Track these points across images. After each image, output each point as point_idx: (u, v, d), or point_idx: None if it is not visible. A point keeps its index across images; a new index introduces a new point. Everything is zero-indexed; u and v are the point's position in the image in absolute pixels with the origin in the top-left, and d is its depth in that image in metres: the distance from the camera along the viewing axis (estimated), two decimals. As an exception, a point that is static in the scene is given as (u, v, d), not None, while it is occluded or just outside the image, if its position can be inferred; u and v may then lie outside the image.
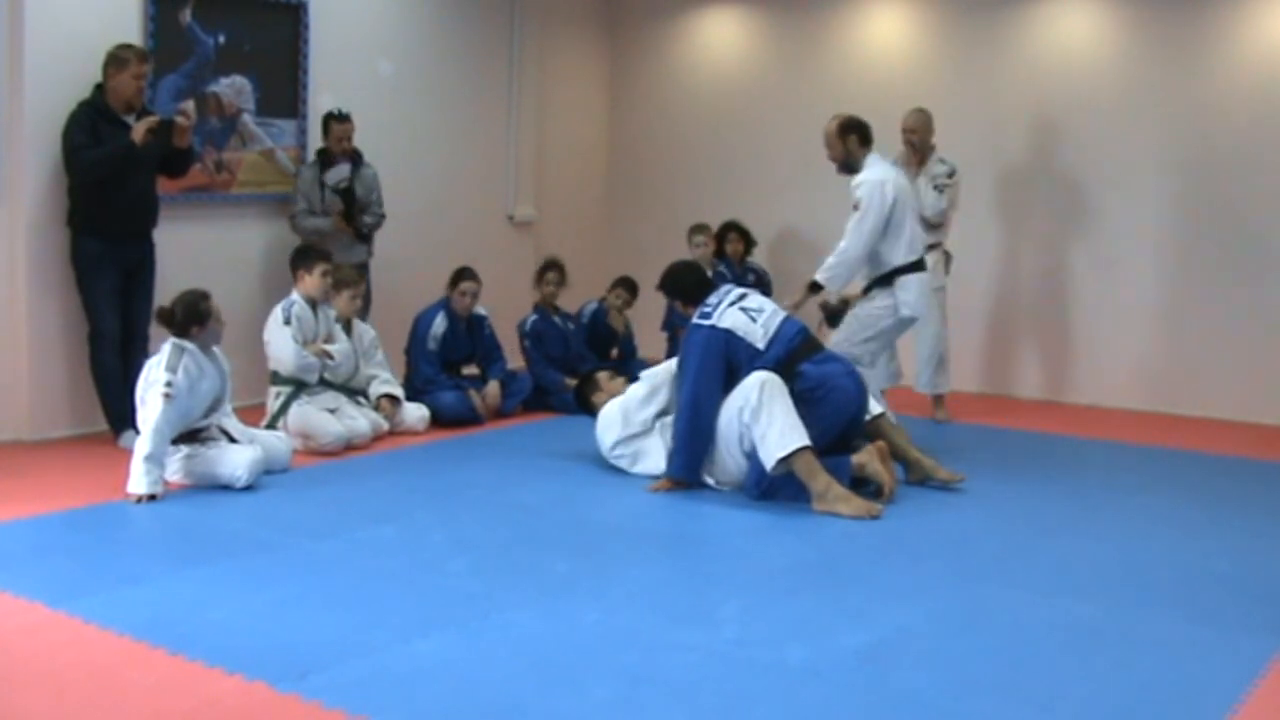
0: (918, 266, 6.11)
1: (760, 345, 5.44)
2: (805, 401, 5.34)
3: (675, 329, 8.06)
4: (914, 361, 7.31)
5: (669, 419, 5.66)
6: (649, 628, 3.82)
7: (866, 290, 6.13)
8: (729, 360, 5.43)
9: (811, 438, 5.22)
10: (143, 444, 5.14)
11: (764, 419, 5.19)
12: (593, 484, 5.63)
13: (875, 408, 5.69)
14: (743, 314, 5.51)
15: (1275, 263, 7.32)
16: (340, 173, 7.08)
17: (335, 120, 7.01)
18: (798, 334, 5.54)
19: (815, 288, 6.14)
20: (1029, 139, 8.02)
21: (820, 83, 8.72)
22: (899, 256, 6.05)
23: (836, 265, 6.01)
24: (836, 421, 5.41)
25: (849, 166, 6.17)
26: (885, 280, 6.06)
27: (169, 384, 5.18)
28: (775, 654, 3.63)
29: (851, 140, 6.13)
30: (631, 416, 5.78)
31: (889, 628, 3.88)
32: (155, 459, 5.13)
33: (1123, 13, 7.69)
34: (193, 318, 5.34)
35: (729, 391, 5.39)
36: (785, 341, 5.47)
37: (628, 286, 7.83)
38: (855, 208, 6.01)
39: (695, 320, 5.55)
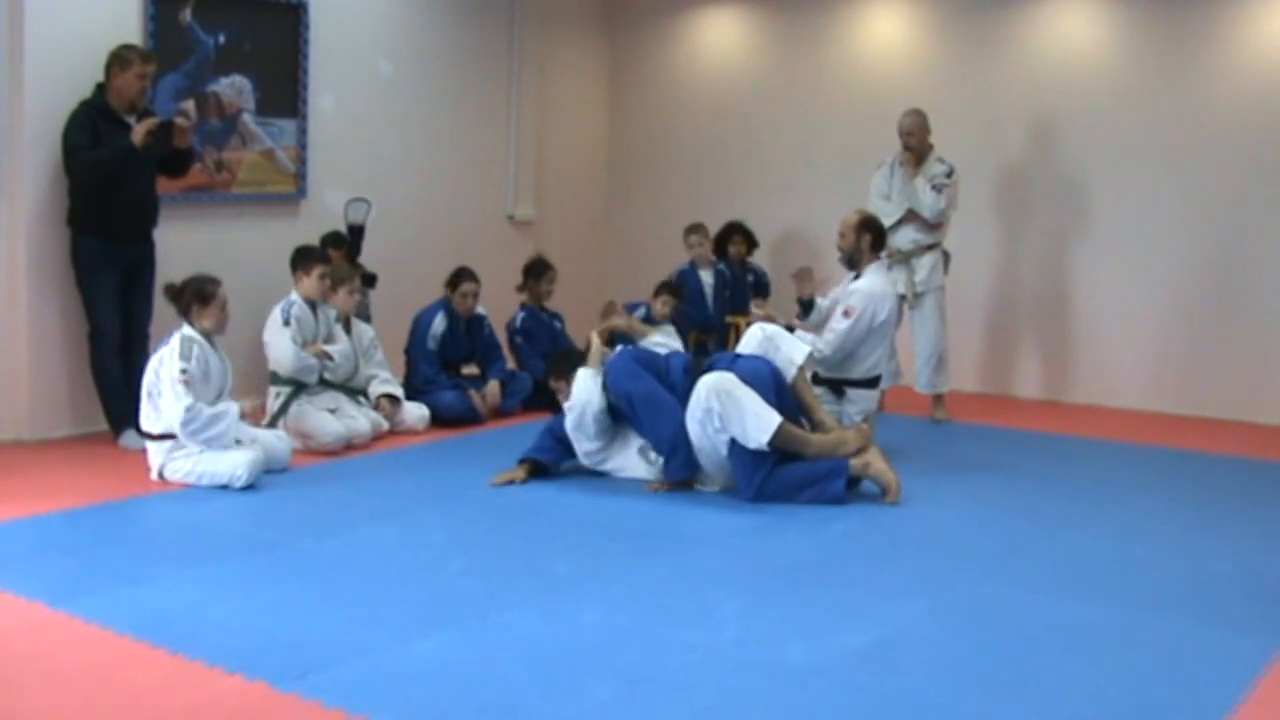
0: (871, 383, 6.12)
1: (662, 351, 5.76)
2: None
3: (684, 332, 8.06)
4: (913, 361, 7.31)
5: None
6: (649, 628, 3.82)
7: (816, 380, 6.02)
8: (653, 369, 5.55)
9: None
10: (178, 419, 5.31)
11: (734, 418, 5.21)
12: (593, 484, 5.62)
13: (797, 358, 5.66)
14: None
15: (1274, 262, 7.32)
16: (358, 212, 7.11)
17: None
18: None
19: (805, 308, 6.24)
20: (1029, 139, 8.02)
21: (820, 83, 8.73)
22: (859, 370, 6.05)
23: (814, 350, 5.90)
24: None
25: (853, 261, 6.21)
26: (835, 389, 6.03)
27: (184, 370, 5.26)
28: (775, 654, 3.63)
29: (865, 239, 6.15)
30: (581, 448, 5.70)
31: (889, 627, 3.88)
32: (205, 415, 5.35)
33: (1122, 13, 7.69)
34: (197, 297, 5.43)
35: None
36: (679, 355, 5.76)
37: (672, 292, 7.74)
38: (846, 314, 5.99)
39: (605, 369, 5.57)
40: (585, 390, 5.53)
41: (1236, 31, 7.38)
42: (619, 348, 5.75)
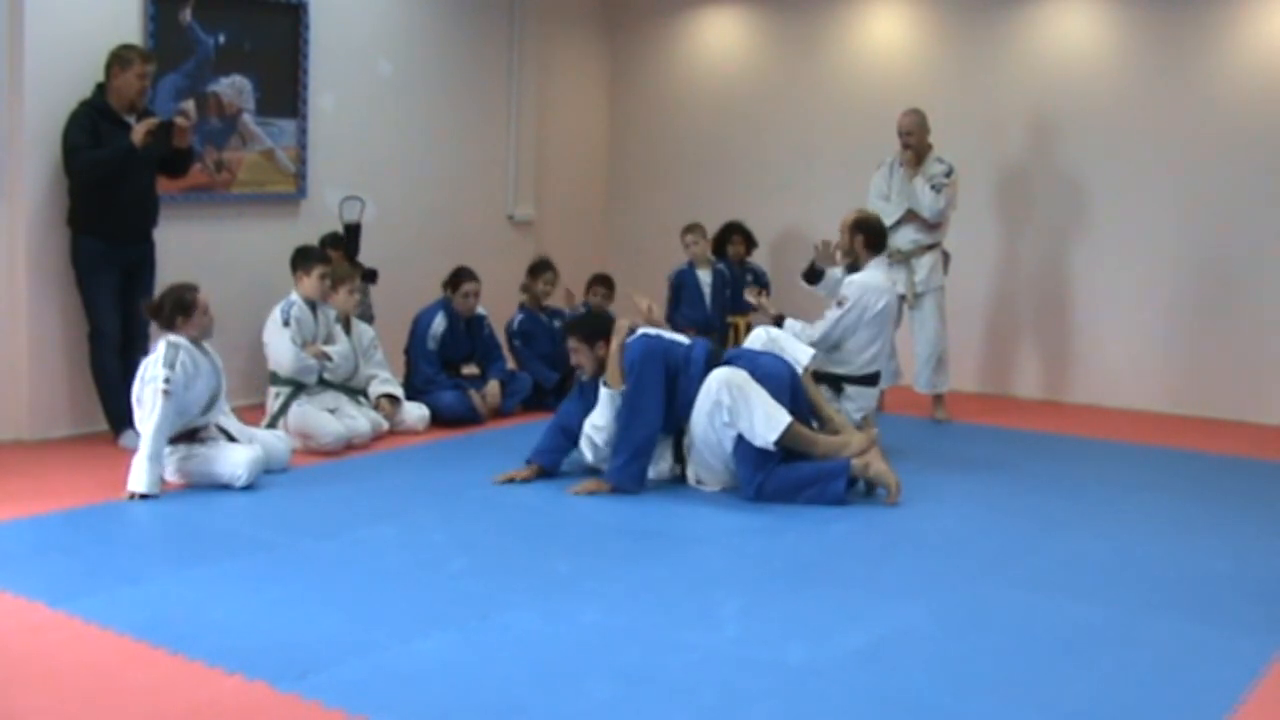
0: (869, 381, 6.12)
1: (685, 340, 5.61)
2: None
3: (679, 330, 8.06)
4: (913, 361, 7.31)
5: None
6: (649, 628, 3.82)
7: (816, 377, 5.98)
8: (671, 359, 5.43)
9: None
10: (144, 443, 5.15)
11: (744, 413, 5.20)
12: (593, 484, 5.62)
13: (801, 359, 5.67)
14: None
15: (1274, 262, 7.32)
16: (353, 210, 7.12)
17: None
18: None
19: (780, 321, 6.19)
20: (1029, 139, 8.02)
21: (820, 83, 8.73)
22: (856, 364, 6.06)
23: (804, 337, 5.92)
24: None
25: (853, 265, 6.22)
26: (834, 385, 6.03)
27: (167, 380, 5.18)
28: (775, 654, 3.63)
29: (859, 239, 6.15)
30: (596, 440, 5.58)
31: (889, 627, 3.88)
32: (156, 457, 5.15)
33: (1122, 13, 7.69)
34: (179, 309, 5.35)
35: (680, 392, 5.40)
36: (701, 344, 5.60)
37: (605, 283, 7.86)
38: (839, 304, 6.01)
39: (630, 341, 5.49)
40: (604, 417, 5.47)
41: (1236, 31, 7.37)
42: (639, 331, 5.60)
